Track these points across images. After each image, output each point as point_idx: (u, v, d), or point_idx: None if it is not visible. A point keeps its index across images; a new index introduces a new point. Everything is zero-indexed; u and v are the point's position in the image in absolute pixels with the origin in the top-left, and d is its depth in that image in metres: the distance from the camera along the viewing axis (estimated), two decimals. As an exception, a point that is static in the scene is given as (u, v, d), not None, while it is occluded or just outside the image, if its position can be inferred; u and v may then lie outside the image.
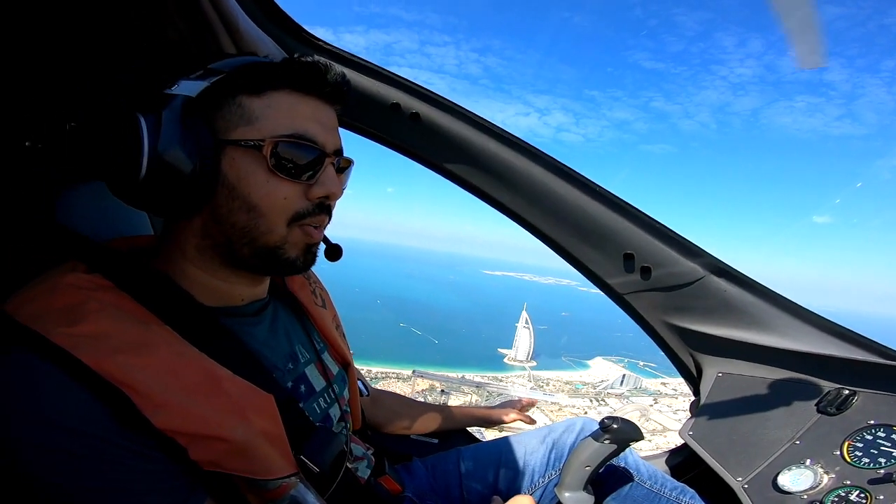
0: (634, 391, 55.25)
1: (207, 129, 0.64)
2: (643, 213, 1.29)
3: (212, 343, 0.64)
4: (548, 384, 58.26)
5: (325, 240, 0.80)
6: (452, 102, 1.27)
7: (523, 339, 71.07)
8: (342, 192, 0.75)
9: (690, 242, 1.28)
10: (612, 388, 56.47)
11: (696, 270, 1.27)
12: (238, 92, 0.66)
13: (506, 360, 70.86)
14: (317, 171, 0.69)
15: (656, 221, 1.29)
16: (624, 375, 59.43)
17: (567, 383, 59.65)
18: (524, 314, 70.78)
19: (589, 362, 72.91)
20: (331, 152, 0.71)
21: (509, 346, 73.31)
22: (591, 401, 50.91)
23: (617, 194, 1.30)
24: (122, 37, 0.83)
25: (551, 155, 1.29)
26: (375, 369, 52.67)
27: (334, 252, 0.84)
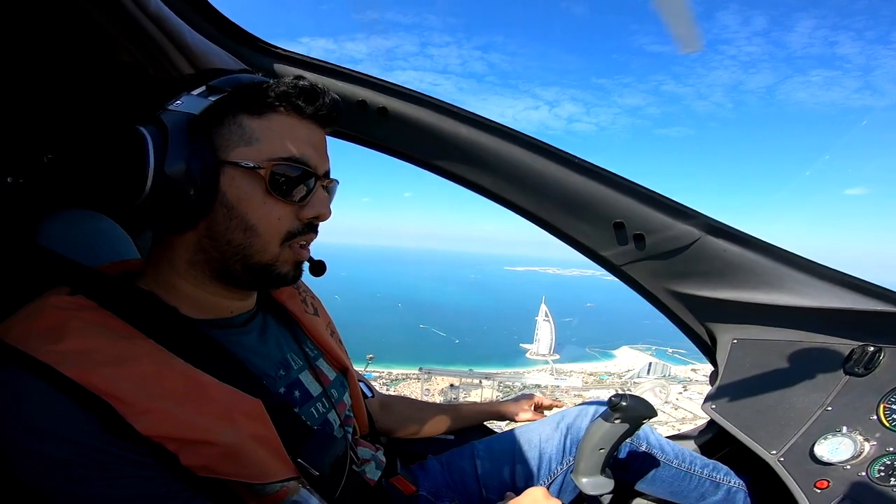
0: (662, 379, 54.41)
1: (209, 148, 0.66)
2: (626, 180, 1.25)
3: (197, 353, 0.65)
4: (570, 376, 57.74)
5: (309, 258, 0.83)
6: (418, 92, 1.25)
7: (544, 332, 70.70)
8: (330, 213, 0.77)
9: (680, 204, 1.23)
10: (638, 377, 55.72)
11: (692, 232, 1.21)
12: (239, 111, 0.68)
13: (528, 354, 70.54)
14: (309, 193, 0.72)
15: (641, 186, 1.24)
16: (651, 363, 58.65)
17: (591, 374, 59.08)
18: (543, 307, 70.40)
19: (615, 352, 72.04)
20: (321, 174, 0.74)
21: (531, 342, 72.95)
22: (616, 391, 50.34)
23: (605, 167, 1.26)
24: (81, 66, 0.86)
25: (540, 138, 1.25)
26: (396, 371, 53.11)
27: (318, 268, 0.85)
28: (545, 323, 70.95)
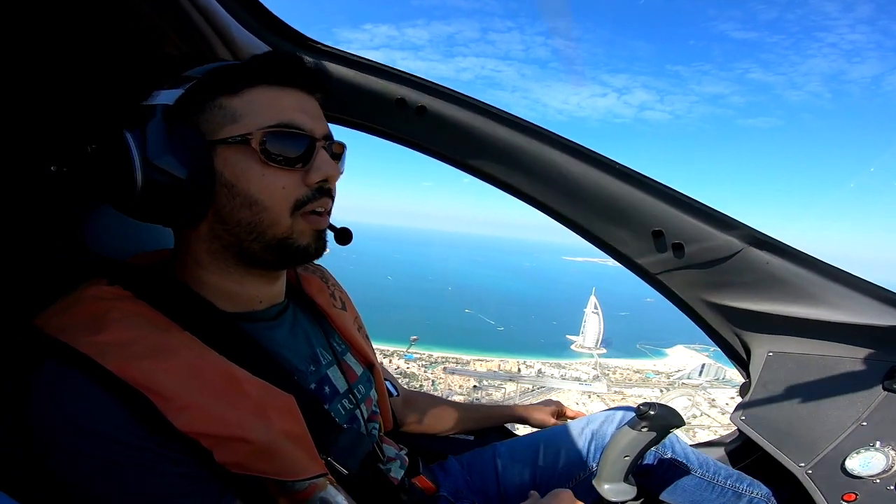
0: (715, 382, 51.71)
1: (194, 133, 0.66)
2: (668, 188, 1.23)
3: (231, 347, 0.65)
4: (615, 372, 56.17)
5: (331, 226, 0.81)
6: (457, 92, 1.26)
7: (592, 325, 68.84)
8: (340, 174, 0.75)
9: (724, 214, 1.21)
10: (688, 378, 53.21)
11: (733, 243, 1.19)
12: (216, 94, 0.68)
13: (573, 346, 69.13)
14: (309, 156, 0.70)
15: (683, 195, 1.22)
16: (704, 365, 55.85)
17: (637, 372, 57.03)
18: (592, 299, 68.51)
19: (667, 350, 68.97)
20: (320, 137, 0.72)
21: (578, 333, 71.49)
22: (661, 391, 48.69)
23: (643, 172, 1.24)
24: (128, 58, 0.86)
25: (568, 137, 1.26)
26: (437, 354, 54.09)
27: (344, 236, 0.83)
28: (594, 315, 69.09)
